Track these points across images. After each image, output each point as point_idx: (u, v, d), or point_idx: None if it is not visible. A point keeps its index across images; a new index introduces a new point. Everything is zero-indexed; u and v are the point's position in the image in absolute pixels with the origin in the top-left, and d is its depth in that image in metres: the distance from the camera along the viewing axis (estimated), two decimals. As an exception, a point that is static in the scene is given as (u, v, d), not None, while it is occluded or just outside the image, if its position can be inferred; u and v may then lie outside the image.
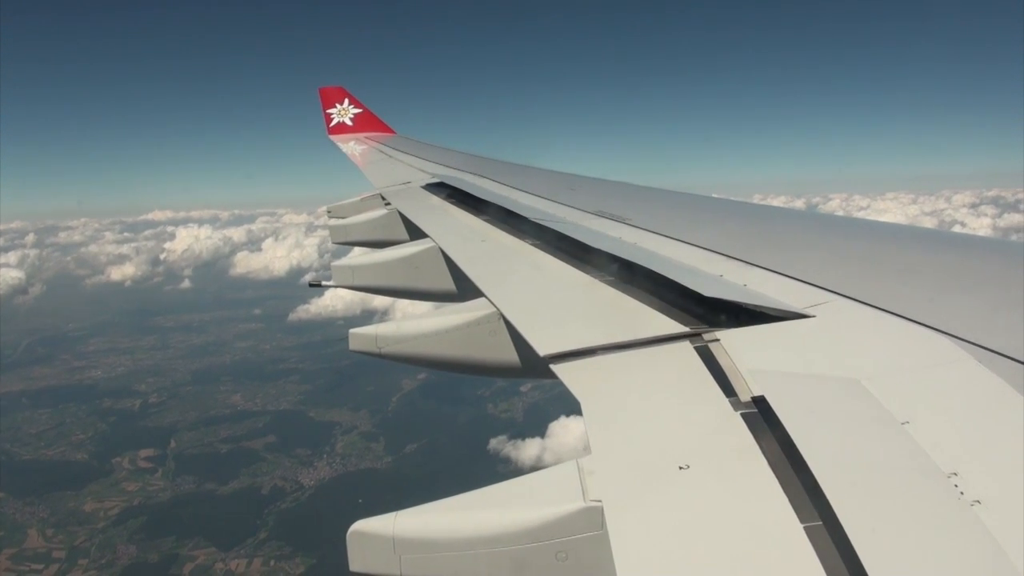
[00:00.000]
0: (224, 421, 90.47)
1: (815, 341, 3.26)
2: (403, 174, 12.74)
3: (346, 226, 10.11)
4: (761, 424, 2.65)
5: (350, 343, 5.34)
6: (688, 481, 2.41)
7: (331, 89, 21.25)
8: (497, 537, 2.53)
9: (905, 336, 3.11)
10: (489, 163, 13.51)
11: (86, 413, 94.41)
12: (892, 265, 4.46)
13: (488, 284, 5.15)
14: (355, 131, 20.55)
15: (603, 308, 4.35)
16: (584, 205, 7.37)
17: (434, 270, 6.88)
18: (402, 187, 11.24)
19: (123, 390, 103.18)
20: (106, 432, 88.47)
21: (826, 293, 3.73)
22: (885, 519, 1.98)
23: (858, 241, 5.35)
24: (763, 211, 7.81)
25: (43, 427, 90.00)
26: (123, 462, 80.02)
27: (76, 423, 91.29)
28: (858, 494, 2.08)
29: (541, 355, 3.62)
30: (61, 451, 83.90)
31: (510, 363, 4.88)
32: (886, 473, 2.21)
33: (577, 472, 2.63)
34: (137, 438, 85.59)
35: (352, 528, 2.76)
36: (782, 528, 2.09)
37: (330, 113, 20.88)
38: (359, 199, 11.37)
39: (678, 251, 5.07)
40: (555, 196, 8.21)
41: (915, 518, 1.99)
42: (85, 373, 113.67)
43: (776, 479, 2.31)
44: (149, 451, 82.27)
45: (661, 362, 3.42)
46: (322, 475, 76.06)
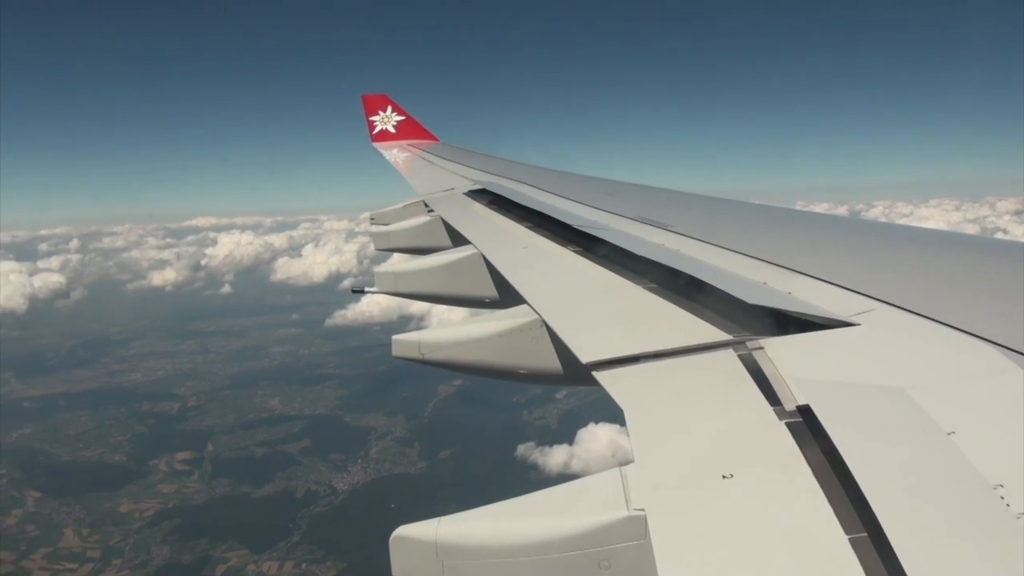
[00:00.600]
0: (261, 425, 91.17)
1: (860, 350, 3.24)
2: (446, 181, 12.76)
3: (389, 233, 10.13)
4: (806, 433, 2.63)
5: (393, 349, 5.35)
6: (732, 490, 2.40)
7: (375, 96, 21.33)
8: (539, 545, 2.53)
9: (951, 345, 3.08)
10: (531, 169, 13.52)
11: (125, 416, 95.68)
12: (938, 272, 4.41)
13: (530, 291, 5.16)
14: (398, 138, 20.61)
15: (646, 315, 4.35)
16: (626, 211, 7.35)
17: (476, 276, 6.89)
18: (445, 193, 11.27)
19: (162, 393, 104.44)
20: (144, 434, 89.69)
21: (871, 301, 3.70)
22: (930, 531, 1.96)
23: (903, 248, 5.29)
24: (807, 217, 7.75)
25: (82, 429, 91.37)
26: (160, 464, 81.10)
27: (115, 425, 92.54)
28: (903, 505, 2.07)
29: (584, 362, 3.62)
30: (99, 453, 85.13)
31: (552, 370, 4.88)
32: (931, 484, 2.19)
33: (620, 480, 2.62)
34: (175, 441, 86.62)
35: (395, 533, 2.77)
36: (826, 539, 2.09)
37: (373, 120, 20.95)
38: (402, 206, 11.39)
39: (721, 258, 5.04)
40: (596, 202, 8.20)
41: (960, 530, 1.97)
42: (125, 376, 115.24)
43: (820, 489, 2.30)
44: (186, 454, 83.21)
45: (705, 370, 3.41)
46: (356, 480, 76.45)
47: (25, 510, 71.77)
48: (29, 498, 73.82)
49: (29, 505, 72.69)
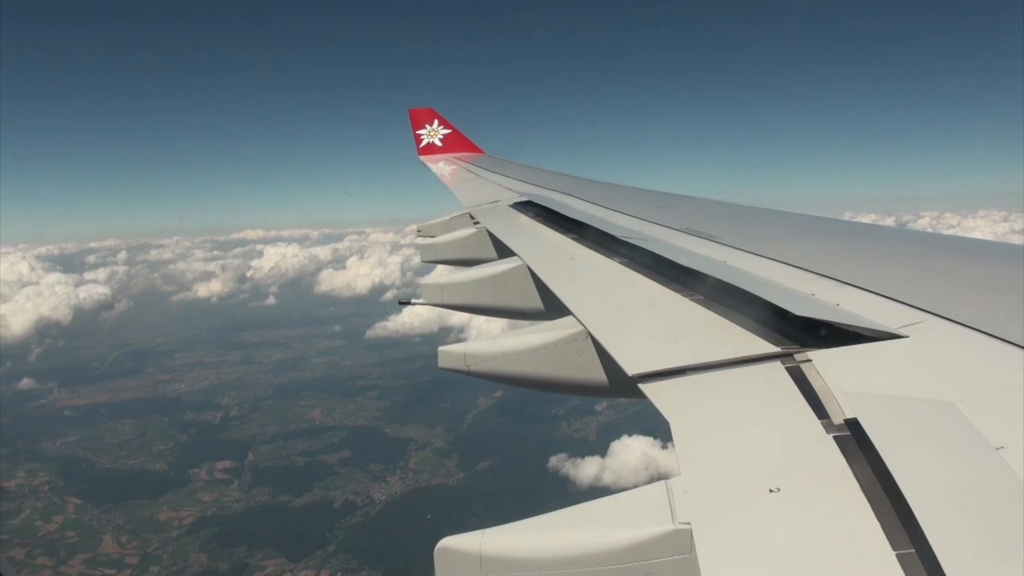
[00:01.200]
0: (302, 435, 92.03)
1: (909, 362, 3.20)
2: (491, 193, 12.81)
3: (435, 245, 10.18)
4: (854, 447, 2.61)
5: (439, 360, 5.38)
6: (778, 505, 2.39)
7: (421, 111, 21.48)
8: (584, 558, 2.53)
9: (1001, 358, 3.03)
10: (576, 181, 13.53)
11: (168, 425, 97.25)
12: (987, 284, 4.34)
13: (576, 302, 5.16)
14: (445, 151, 20.74)
15: (692, 327, 4.33)
16: (671, 223, 7.33)
17: (522, 288, 6.90)
18: (490, 206, 11.31)
19: (205, 403, 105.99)
20: (186, 443, 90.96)
21: (920, 313, 3.66)
22: (979, 547, 1.94)
23: (952, 259, 5.22)
24: (854, 228, 7.67)
25: (125, 437, 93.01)
26: (200, 473, 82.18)
27: (157, 434, 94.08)
28: (952, 521, 2.05)
29: (630, 375, 3.62)
30: (141, 461, 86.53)
31: (597, 382, 4.87)
32: (981, 500, 2.16)
33: (666, 493, 2.61)
34: (216, 450, 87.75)
35: (440, 544, 2.78)
36: (874, 555, 2.07)
37: (420, 134, 21.10)
38: (448, 218, 11.44)
39: (768, 269, 5.01)
40: (642, 213, 8.18)
41: (1010, 546, 1.95)
42: (169, 386, 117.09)
43: (868, 504, 2.28)
44: (227, 463, 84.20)
45: (752, 382, 3.39)
46: (394, 490, 76.88)
47: (66, 516, 73.14)
48: (70, 505, 75.28)
49: (70, 512, 74.09)
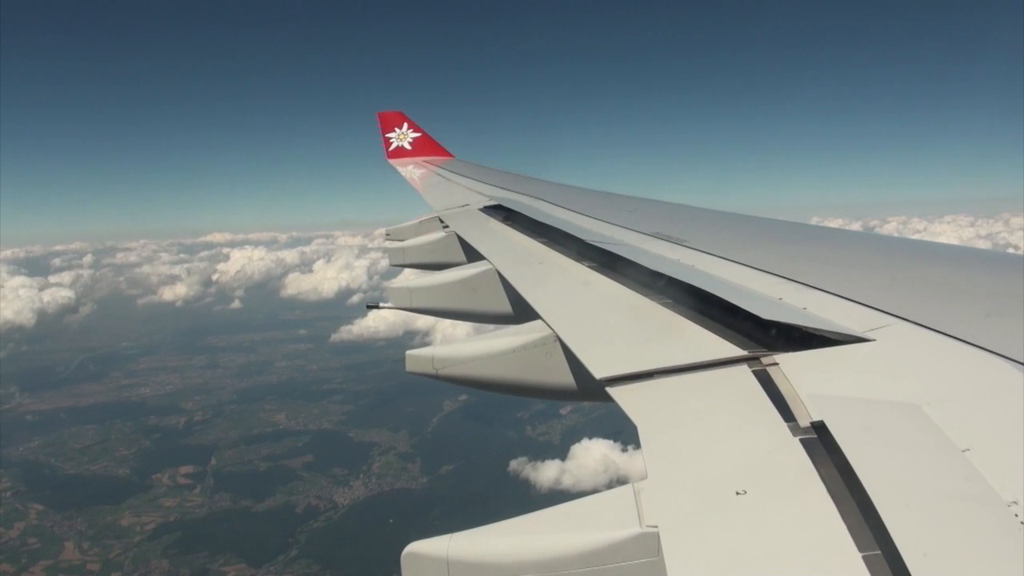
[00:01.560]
0: (265, 440, 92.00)
1: (875, 366, 3.22)
2: (461, 197, 12.78)
3: (404, 248, 10.12)
4: (820, 450, 2.61)
5: (407, 364, 5.34)
6: (745, 507, 2.39)
7: (390, 114, 21.38)
8: (551, 561, 2.51)
9: (967, 361, 3.06)
10: (545, 185, 13.54)
11: (131, 430, 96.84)
12: (953, 288, 4.38)
13: (544, 306, 5.15)
14: (413, 155, 20.64)
15: (660, 331, 4.33)
16: (641, 227, 7.34)
17: (491, 292, 6.88)
18: (460, 209, 11.28)
19: (170, 408, 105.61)
20: (149, 448, 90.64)
21: (887, 316, 3.68)
22: (944, 548, 1.95)
23: (919, 263, 5.26)
24: (822, 233, 7.72)
25: (88, 442, 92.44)
26: (163, 478, 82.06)
27: (121, 439, 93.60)
28: (917, 523, 2.06)
29: (597, 378, 3.61)
30: (104, 466, 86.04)
31: (565, 386, 4.86)
32: (946, 501, 2.17)
33: (633, 497, 2.61)
34: (179, 455, 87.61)
35: (407, 549, 2.76)
36: (840, 556, 2.07)
37: (389, 137, 20.99)
38: (417, 222, 11.39)
39: (736, 273, 5.02)
40: (612, 218, 8.19)
41: (975, 548, 1.96)
42: (134, 391, 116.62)
43: (835, 506, 2.28)
44: (189, 468, 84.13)
45: (719, 386, 3.39)
46: (356, 495, 77.15)
47: (27, 523, 72.60)
48: (32, 511, 74.67)
49: (31, 518, 73.52)
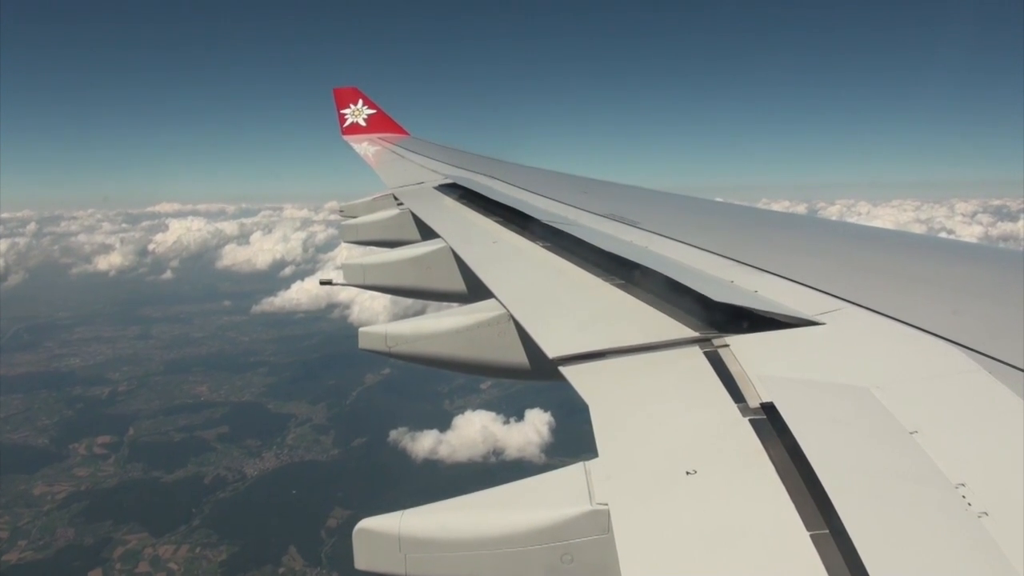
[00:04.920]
0: (184, 411, 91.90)
1: (825, 348, 3.25)
2: (416, 175, 12.70)
3: (357, 225, 10.04)
4: (770, 431, 2.64)
5: (360, 341, 5.28)
6: (695, 486, 2.40)
7: (345, 90, 21.18)
8: (503, 538, 2.51)
9: (915, 345, 3.10)
10: (501, 165, 13.50)
11: (55, 400, 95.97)
12: (903, 273, 4.44)
13: (498, 285, 5.13)
14: (369, 132, 20.49)
15: (613, 311, 4.34)
16: (595, 208, 7.36)
17: (445, 270, 6.85)
18: (415, 187, 11.21)
19: (96, 378, 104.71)
20: (71, 418, 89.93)
21: (837, 300, 3.72)
22: (892, 529, 1.97)
23: (870, 248, 5.33)
24: (775, 216, 7.80)
25: (12, 412, 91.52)
26: (80, 448, 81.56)
27: (44, 409, 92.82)
28: (865, 503, 2.08)
29: (550, 357, 3.61)
30: (24, 436, 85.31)
31: (519, 365, 4.85)
32: (894, 482, 2.20)
33: (584, 475, 2.61)
34: (98, 425, 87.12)
35: (358, 526, 2.74)
36: (788, 535, 2.09)
37: (344, 114, 20.82)
38: (371, 199, 11.31)
39: (689, 255, 5.05)
40: (566, 198, 8.20)
41: (922, 528, 1.98)
42: (64, 361, 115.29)
43: (783, 486, 2.30)
44: (107, 438, 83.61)
45: (670, 367, 3.40)
46: (266, 466, 77.21)
47: (-61, 493, 71.72)
48: (-55, 481, 73.78)
49: (-56, 488, 72.62)
